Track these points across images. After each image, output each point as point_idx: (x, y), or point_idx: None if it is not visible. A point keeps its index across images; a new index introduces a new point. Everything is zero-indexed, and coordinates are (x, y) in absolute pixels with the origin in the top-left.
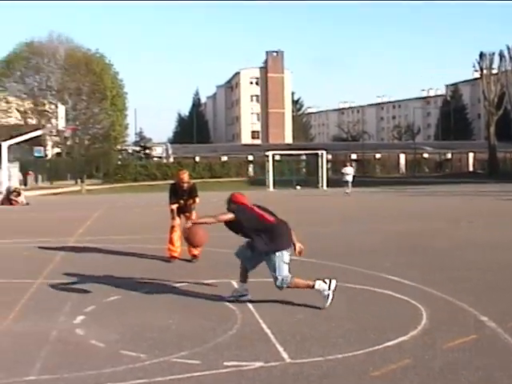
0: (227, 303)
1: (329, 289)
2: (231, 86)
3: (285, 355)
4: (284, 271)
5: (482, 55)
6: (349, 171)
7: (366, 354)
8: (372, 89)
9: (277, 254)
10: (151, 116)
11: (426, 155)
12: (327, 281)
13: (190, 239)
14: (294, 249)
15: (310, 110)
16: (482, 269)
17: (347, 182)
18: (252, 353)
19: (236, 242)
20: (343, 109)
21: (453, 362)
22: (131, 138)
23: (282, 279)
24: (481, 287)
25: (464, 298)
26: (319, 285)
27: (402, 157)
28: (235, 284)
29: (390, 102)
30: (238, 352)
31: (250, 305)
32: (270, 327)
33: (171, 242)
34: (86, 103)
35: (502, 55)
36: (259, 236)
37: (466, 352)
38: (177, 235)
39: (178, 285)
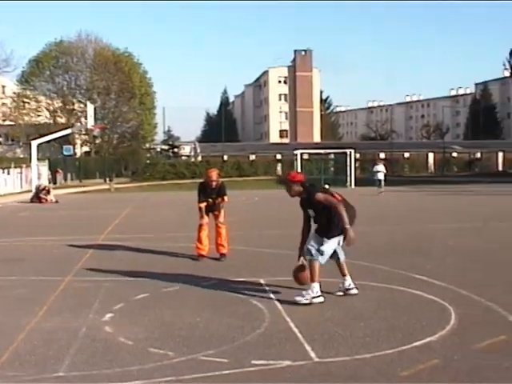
0: (255, 302)
1: (313, 292)
2: (259, 84)
3: (312, 354)
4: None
5: None
6: (380, 169)
7: (394, 353)
8: (401, 87)
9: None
10: (180, 115)
11: (454, 154)
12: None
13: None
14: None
15: (338, 109)
16: (507, 268)
17: (379, 180)
18: (280, 351)
19: (263, 239)
20: (372, 107)
21: (482, 363)
22: (160, 136)
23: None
24: (508, 288)
25: (494, 299)
26: (314, 287)
27: (431, 156)
28: (263, 281)
29: (418, 101)
30: (266, 350)
31: (277, 303)
32: (297, 326)
33: (199, 240)
34: (114, 102)
35: None
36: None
37: (495, 353)
38: (205, 234)
39: (206, 283)
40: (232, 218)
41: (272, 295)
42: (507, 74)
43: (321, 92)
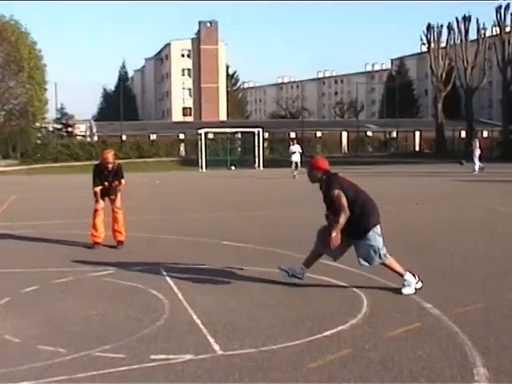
0: (154, 292)
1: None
2: (161, 58)
3: (216, 347)
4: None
5: (429, 28)
6: (296, 149)
7: (302, 344)
8: (313, 63)
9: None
10: (74, 91)
11: (369, 133)
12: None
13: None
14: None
15: (246, 85)
16: (428, 254)
17: (296, 162)
18: (181, 345)
19: (163, 225)
20: (282, 84)
21: (394, 351)
22: (52, 114)
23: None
24: (425, 273)
25: None
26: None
27: (345, 135)
28: (163, 270)
29: (331, 77)
30: (166, 344)
31: (179, 293)
32: (200, 317)
33: (94, 227)
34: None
35: (450, 28)
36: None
37: (408, 341)
38: (100, 219)
39: (101, 273)
40: (130, 202)
41: (173, 284)
42: (424, 49)
43: (227, 67)
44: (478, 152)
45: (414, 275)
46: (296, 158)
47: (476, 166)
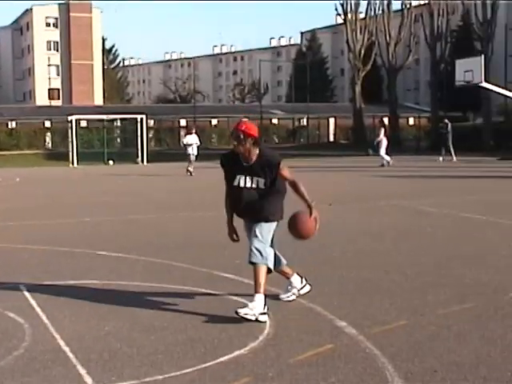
0: (12, 314)
1: (259, 313)
2: (20, 27)
3: (88, 379)
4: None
5: None
6: (192, 141)
7: (193, 373)
8: (207, 37)
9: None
10: None
11: (275, 121)
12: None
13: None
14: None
15: (126, 63)
16: (338, 263)
17: (192, 155)
18: (45, 378)
19: (23, 233)
20: (170, 61)
21: (303, 378)
22: None
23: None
24: (338, 286)
25: (318, 300)
26: (260, 300)
27: None
28: (23, 287)
29: (229, 53)
30: (27, 378)
31: (42, 315)
32: (68, 343)
33: None
34: None
35: None
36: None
37: (319, 366)
38: None
39: None
40: None
41: (35, 305)
42: (340, 20)
43: (103, 40)
44: (384, 142)
45: (301, 277)
46: (192, 150)
47: (385, 159)
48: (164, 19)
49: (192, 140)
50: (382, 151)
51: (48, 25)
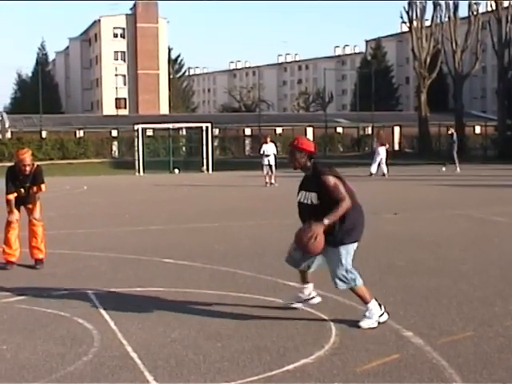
0: (81, 320)
1: (379, 316)
2: (88, 38)
3: None
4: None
5: (411, 3)
6: (270, 151)
7: (259, 381)
8: (271, 46)
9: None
10: None
11: (339, 130)
12: (382, 308)
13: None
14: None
15: (192, 72)
16: (405, 272)
17: (269, 166)
18: (113, 383)
19: (92, 240)
20: (235, 70)
21: None
22: None
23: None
24: (404, 295)
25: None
26: (374, 306)
27: (310, 131)
28: (91, 294)
29: (294, 62)
30: (95, 383)
31: (110, 322)
32: (136, 350)
33: (7, 242)
34: None
35: (436, 3)
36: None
37: (385, 376)
38: (15, 234)
39: (16, 298)
40: (51, 212)
41: (103, 311)
42: (405, 28)
43: (169, 49)
44: (382, 153)
45: (380, 305)
46: (270, 161)
47: (383, 169)
48: (229, 28)
49: (270, 150)
50: (381, 162)
51: (115, 35)
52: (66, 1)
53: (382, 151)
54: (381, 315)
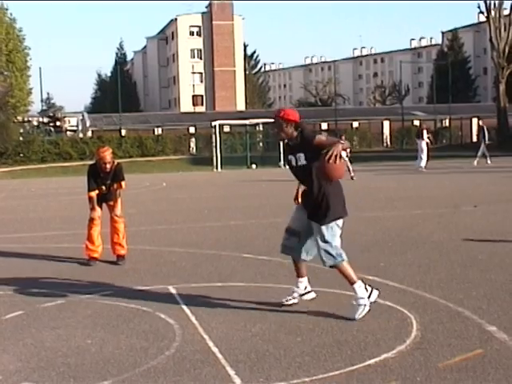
0: (163, 315)
1: (368, 298)
2: (166, 37)
3: (237, 380)
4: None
5: None
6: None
7: (341, 375)
8: (346, 39)
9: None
10: (62, 78)
11: (416, 122)
12: (369, 288)
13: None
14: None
15: (268, 68)
16: (487, 266)
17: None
18: (195, 378)
19: (172, 236)
20: (310, 65)
21: None
22: (37, 106)
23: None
24: (486, 289)
25: (466, 304)
26: (359, 287)
27: (387, 125)
28: (173, 289)
29: (370, 56)
30: (178, 378)
31: (192, 317)
32: (217, 344)
33: (90, 239)
34: None
35: None
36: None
37: (468, 372)
38: (97, 230)
39: (99, 294)
40: (132, 209)
41: (185, 306)
42: (483, 18)
43: (245, 46)
44: (424, 145)
45: (365, 284)
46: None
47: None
48: (304, 24)
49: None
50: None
51: (192, 33)
52: (144, 1)
53: (423, 145)
54: (369, 296)
